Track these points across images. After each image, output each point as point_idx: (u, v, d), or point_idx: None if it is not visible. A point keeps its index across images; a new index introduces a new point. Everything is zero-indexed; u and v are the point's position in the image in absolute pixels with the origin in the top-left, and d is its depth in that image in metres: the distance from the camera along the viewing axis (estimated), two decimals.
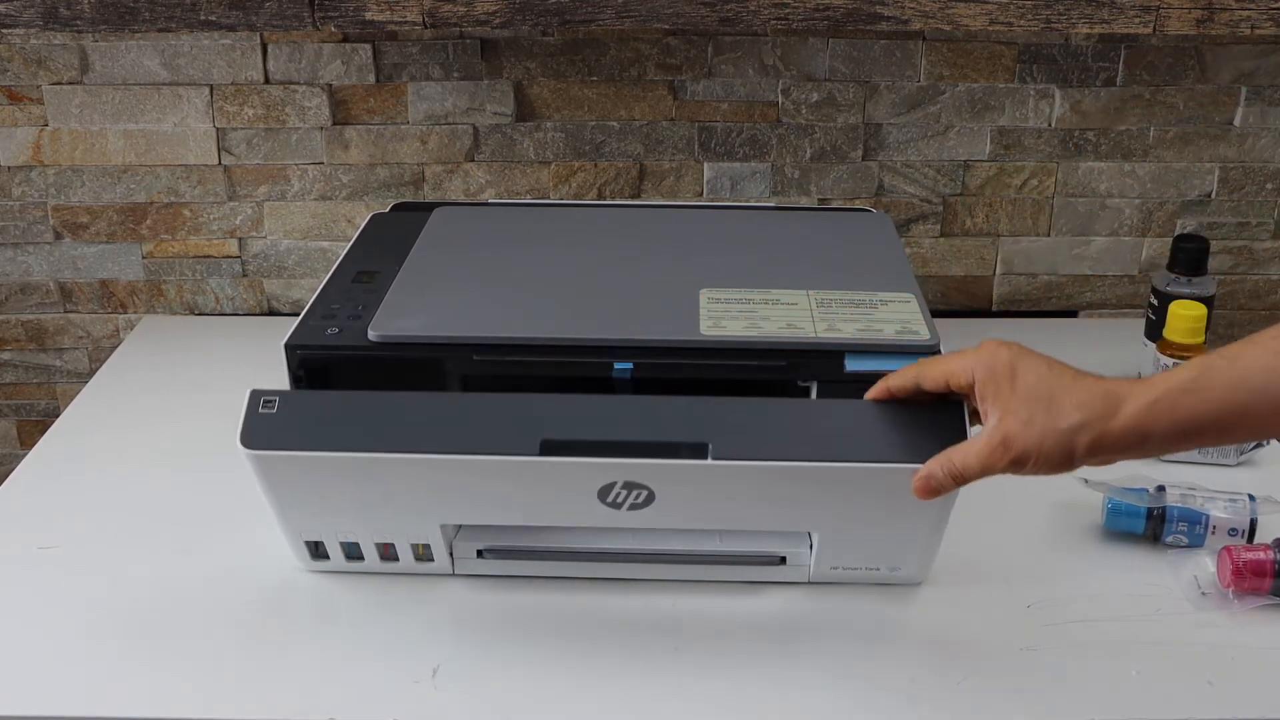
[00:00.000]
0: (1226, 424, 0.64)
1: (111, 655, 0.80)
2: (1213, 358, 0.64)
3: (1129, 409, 0.64)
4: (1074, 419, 0.65)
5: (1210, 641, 0.82)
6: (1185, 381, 0.64)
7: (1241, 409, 0.63)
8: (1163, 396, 0.64)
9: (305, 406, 0.78)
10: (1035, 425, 0.66)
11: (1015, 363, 0.68)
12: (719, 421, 0.76)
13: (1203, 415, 0.63)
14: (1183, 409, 0.64)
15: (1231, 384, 0.63)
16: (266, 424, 0.76)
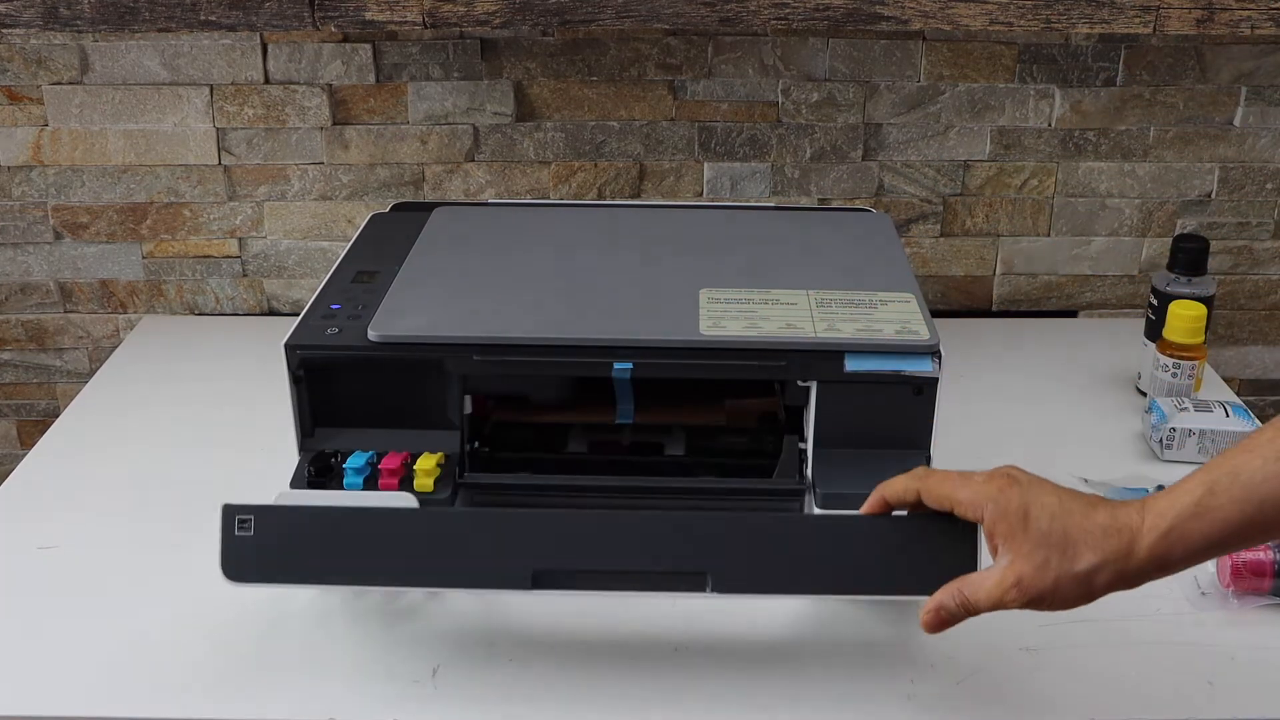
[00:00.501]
0: (1242, 536, 0.63)
1: (111, 655, 0.80)
2: (1216, 473, 0.63)
3: (1144, 544, 0.64)
4: (1090, 561, 0.64)
5: (1210, 641, 0.82)
6: (1192, 506, 0.63)
7: (1252, 522, 0.63)
8: (1174, 526, 0.63)
9: (283, 527, 0.74)
10: (1050, 569, 0.64)
11: (1027, 504, 0.66)
12: (717, 544, 0.73)
13: (1216, 535, 0.63)
14: (1195, 534, 0.63)
15: (1238, 500, 0.62)
16: (246, 551, 0.73)
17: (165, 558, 0.90)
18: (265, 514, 0.73)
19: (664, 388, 0.86)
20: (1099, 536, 0.64)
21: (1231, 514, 0.62)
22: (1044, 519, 0.65)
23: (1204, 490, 0.63)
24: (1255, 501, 0.62)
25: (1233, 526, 0.62)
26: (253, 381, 1.14)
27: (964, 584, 0.67)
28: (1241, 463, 0.62)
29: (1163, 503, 0.64)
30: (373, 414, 0.87)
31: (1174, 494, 0.64)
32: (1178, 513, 0.63)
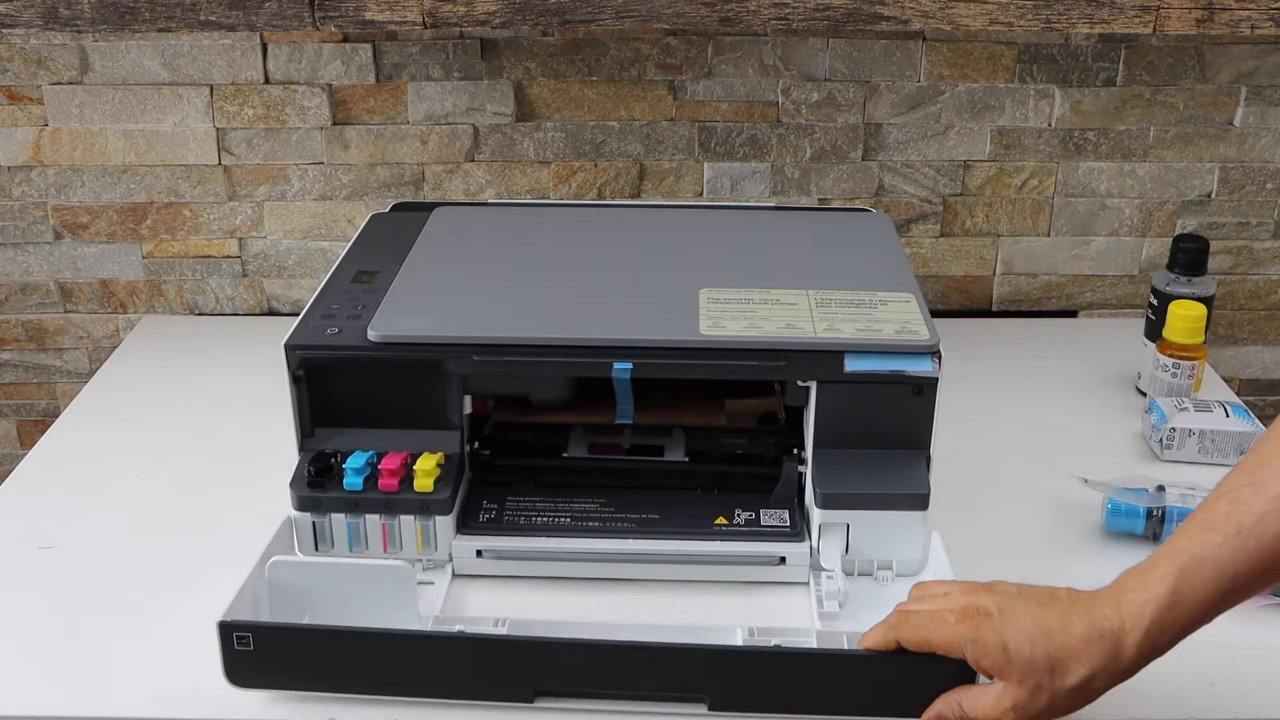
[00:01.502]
0: (1222, 609, 0.65)
1: (111, 655, 0.80)
2: (1182, 558, 0.64)
3: (1130, 644, 0.65)
4: (1081, 674, 0.65)
5: (1210, 641, 0.81)
6: (1167, 597, 0.64)
7: (1229, 595, 0.64)
8: (1155, 621, 0.64)
9: (283, 644, 0.74)
10: (1043, 691, 0.65)
11: (1004, 639, 0.66)
12: (716, 671, 0.73)
13: (1198, 617, 0.64)
14: (1177, 623, 0.65)
15: (1211, 580, 0.64)
16: (248, 664, 0.73)
17: (165, 557, 0.90)
18: (263, 632, 0.73)
19: (664, 388, 0.86)
20: (1083, 648, 0.65)
21: (1208, 595, 0.64)
22: (1025, 648, 0.65)
23: (1176, 578, 0.64)
24: (1228, 578, 0.63)
25: (1212, 606, 0.64)
26: (253, 381, 1.14)
27: (963, 696, 0.68)
28: (1206, 543, 0.64)
29: (1137, 597, 0.65)
30: (373, 414, 0.87)
31: (1146, 585, 0.65)
32: (1155, 607, 0.64)
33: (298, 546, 0.85)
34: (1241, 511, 0.63)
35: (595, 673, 0.74)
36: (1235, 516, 0.64)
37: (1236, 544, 0.63)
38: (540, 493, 0.90)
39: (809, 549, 0.85)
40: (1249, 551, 0.63)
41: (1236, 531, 0.63)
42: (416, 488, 0.84)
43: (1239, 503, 0.64)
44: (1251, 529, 0.63)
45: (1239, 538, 0.63)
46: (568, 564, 0.86)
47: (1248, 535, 0.63)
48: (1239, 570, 0.63)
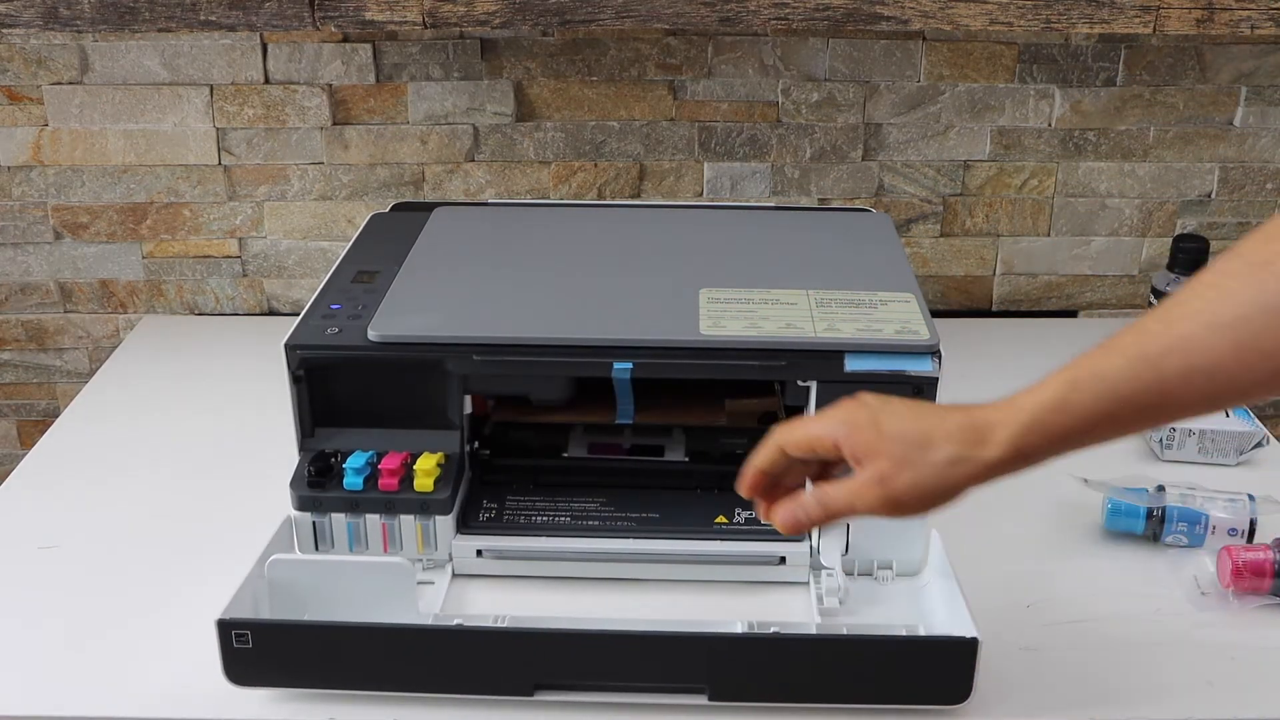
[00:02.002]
0: (1097, 433, 0.64)
1: (112, 655, 0.80)
2: (1079, 371, 0.64)
3: (1001, 436, 0.65)
4: (948, 452, 0.65)
5: (1210, 641, 0.82)
6: (1054, 400, 0.64)
7: (1110, 418, 0.64)
8: (1035, 419, 0.65)
9: (281, 641, 0.74)
10: (909, 463, 0.65)
11: (877, 414, 0.67)
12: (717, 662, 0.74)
13: (1074, 429, 0.64)
14: (1054, 427, 0.64)
15: (1100, 396, 0.63)
16: (247, 661, 0.74)
17: (165, 557, 0.90)
18: (262, 629, 0.73)
19: (664, 387, 0.86)
20: (955, 431, 0.65)
21: (1091, 410, 0.63)
22: (897, 422, 0.66)
23: (1067, 387, 0.64)
24: (1115, 399, 0.63)
25: (1090, 422, 0.63)
26: (253, 381, 1.14)
27: (819, 492, 0.69)
28: (1105, 363, 0.64)
29: (1023, 399, 0.65)
30: (373, 414, 0.87)
31: (1035, 390, 0.65)
32: (1038, 405, 0.64)
33: (298, 546, 0.85)
34: (1146, 341, 0.63)
35: (594, 665, 0.74)
36: (1139, 345, 0.63)
37: (1135, 370, 0.63)
38: (540, 492, 0.90)
39: (809, 548, 0.85)
40: (1144, 380, 0.62)
41: (1138, 357, 0.63)
42: (416, 487, 0.84)
43: (1145, 334, 0.63)
44: (1152, 359, 0.62)
45: (1139, 363, 0.63)
46: (568, 564, 0.86)
47: (1147, 364, 0.62)
48: (1129, 395, 0.63)
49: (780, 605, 0.84)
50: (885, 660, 0.73)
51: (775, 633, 0.75)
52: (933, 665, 0.73)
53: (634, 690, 0.75)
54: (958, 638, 0.72)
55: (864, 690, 0.74)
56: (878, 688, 0.73)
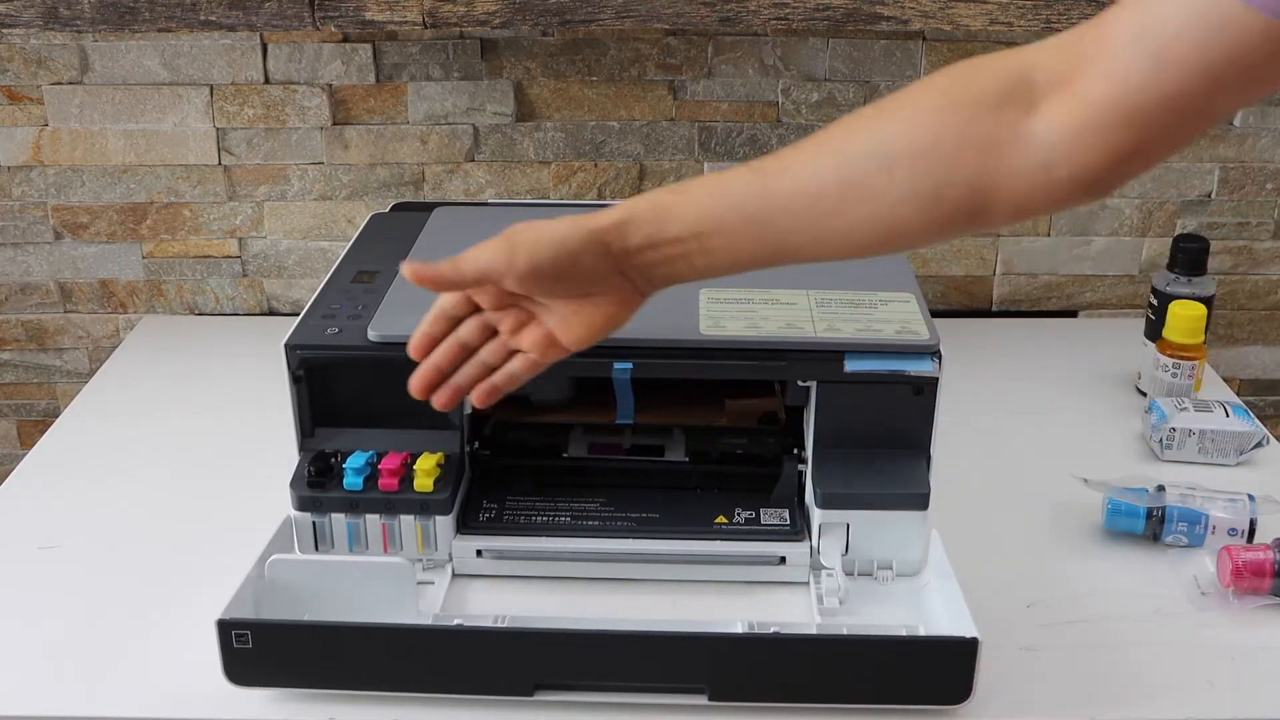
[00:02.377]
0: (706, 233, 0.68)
1: (112, 655, 0.80)
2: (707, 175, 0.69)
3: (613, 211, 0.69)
4: (567, 221, 0.70)
5: (1210, 641, 0.82)
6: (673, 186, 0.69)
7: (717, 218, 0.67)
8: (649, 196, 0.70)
9: (281, 641, 0.74)
10: (529, 227, 0.70)
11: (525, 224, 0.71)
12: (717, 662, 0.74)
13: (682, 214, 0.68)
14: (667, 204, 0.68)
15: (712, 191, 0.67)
16: (247, 661, 0.74)
17: (165, 557, 0.90)
18: (262, 629, 0.73)
19: (664, 387, 0.86)
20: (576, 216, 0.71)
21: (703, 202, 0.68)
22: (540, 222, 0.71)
23: (691, 181, 0.69)
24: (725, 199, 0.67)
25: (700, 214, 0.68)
26: (253, 381, 1.14)
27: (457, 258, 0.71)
28: (729, 171, 0.68)
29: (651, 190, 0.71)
30: (373, 414, 0.87)
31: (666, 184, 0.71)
32: (662, 189, 0.69)
33: (298, 546, 0.85)
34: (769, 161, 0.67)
35: (594, 665, 0.74)
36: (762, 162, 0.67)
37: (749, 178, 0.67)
38: (540, 493, 0.90)
39: (809, 548, 0.85)
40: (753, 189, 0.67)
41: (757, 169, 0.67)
42: (416, 488, 0.84)
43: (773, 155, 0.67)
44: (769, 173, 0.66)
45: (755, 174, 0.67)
46: (568, 564, 0.86)
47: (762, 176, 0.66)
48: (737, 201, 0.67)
49: (780, 605, 0.84)
50: (885, 660, 0.73)
51: (775, 633, 0.75)
52: (933, 665, 0.73)
53: (634, 690, 0.75)
54: (958, 638, 0.72)
55: (864, 690, 0.74)
56: (878, 688, 0.73)
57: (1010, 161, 0.61)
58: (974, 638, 0.72)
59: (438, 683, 0.75)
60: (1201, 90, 0.57)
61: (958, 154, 0.62)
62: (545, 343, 0.73)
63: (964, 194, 0.62)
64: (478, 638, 0.74)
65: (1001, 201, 0.62)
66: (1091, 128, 0.59)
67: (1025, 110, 0.61)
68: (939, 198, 0.63)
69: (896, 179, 0.63)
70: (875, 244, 0.66)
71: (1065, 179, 0.61)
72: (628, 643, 0.74)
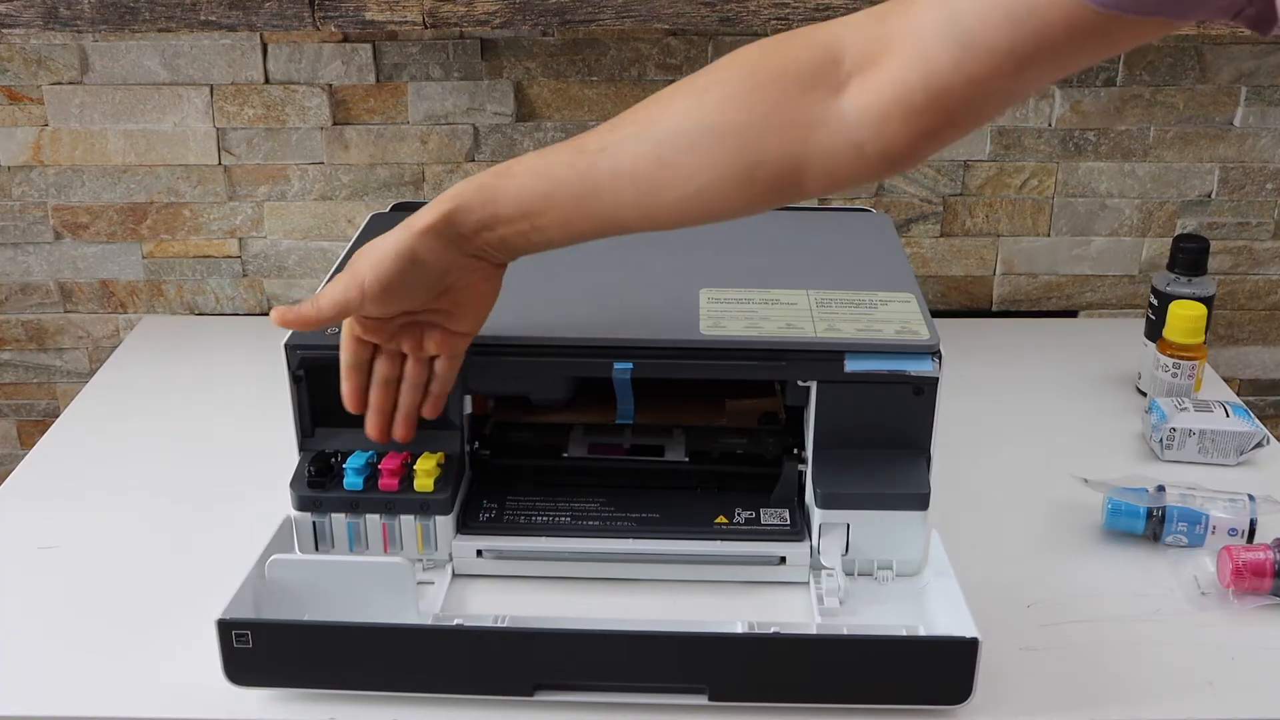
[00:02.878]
0: (534, 211, 0.70)
1: (112, 655, 0.80)
2: (531, 154, 0.71)
3: (440, 197, 0.71)
4: (398, 229, 0.72)
5: (1210, 641, 0.82)
6: (498, 168, 0.71)
7: (545, 196, 0.69)
8: (475, 180, 0.71)
9: (282, 640, 0.74)
10: (364, 253, 0.73)
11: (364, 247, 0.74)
12: (718, 661, 0.74)
13: (510, 196, 0.70)
14: (491, 189, 0.70)
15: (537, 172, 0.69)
16: (247, 661, 0.74)
17: (165, 557, 0.90)
18: (262, 629, 0.73)
19: (664, 387, 0.86)
20: (405, 220, 0.72)
21: (528, 182, 0.70)
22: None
23: (514, 161, 0.71)
24: (550, 179, 0.69)
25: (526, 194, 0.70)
26: (253, 381, 1.14)
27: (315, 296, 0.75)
28: (552, 150, 0.70)
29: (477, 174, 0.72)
30: None
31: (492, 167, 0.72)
32: (490, 172, 0.71)
33: (298, 546, 0.85)
34: (589, 139, 0.69)
35: (594, 665, 0.74)
36: (582, 141, 0.69)
37: (571, 158, 0.69)
38: (540, 493, 0.90)
39: (809, 548, 0.85)
40: (577, 169, 0.68)
41: (577, 149, 0.69)
42: (416, 488, 0.84)
43: (594, 133, 0.69)
44: (588, 152, 0.68)
45: (576, 154, 0.69)
46: (568, 564, 0.86)
47: (583, 155, 0.68)
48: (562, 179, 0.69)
49: (780, 605, 0.84)
50: (885, 660, 0.73)
51: (775, 633, 0.75)
52: (933, 665, 0.73)
53: (634, 690, 0.75)
54: (958, 638, 0.72)
55: (864, 690, 0.74)
56: (878, 688, 0.73)
57: (822, 140, 0.64)
58: (974, 638, 0.72)
59: (438, 683, 0.75)
60: (1009, 72, 0.59)
61: (769, 134, 0.64)
62: (448, 340, 0.78)
63: (776, 171, 0.65)
64: (478, 638, 0.74)
65: (813, 177, 0.65)
66: (900, 109, 0.61)
67: (834, 90, 0.63)
68: (752, 176, 0.65)
69: (712, 158, 0.65)
70: (698, 217, 0.68)
71: (874, 156, 0.63)
72: (628, 643, 0.74)
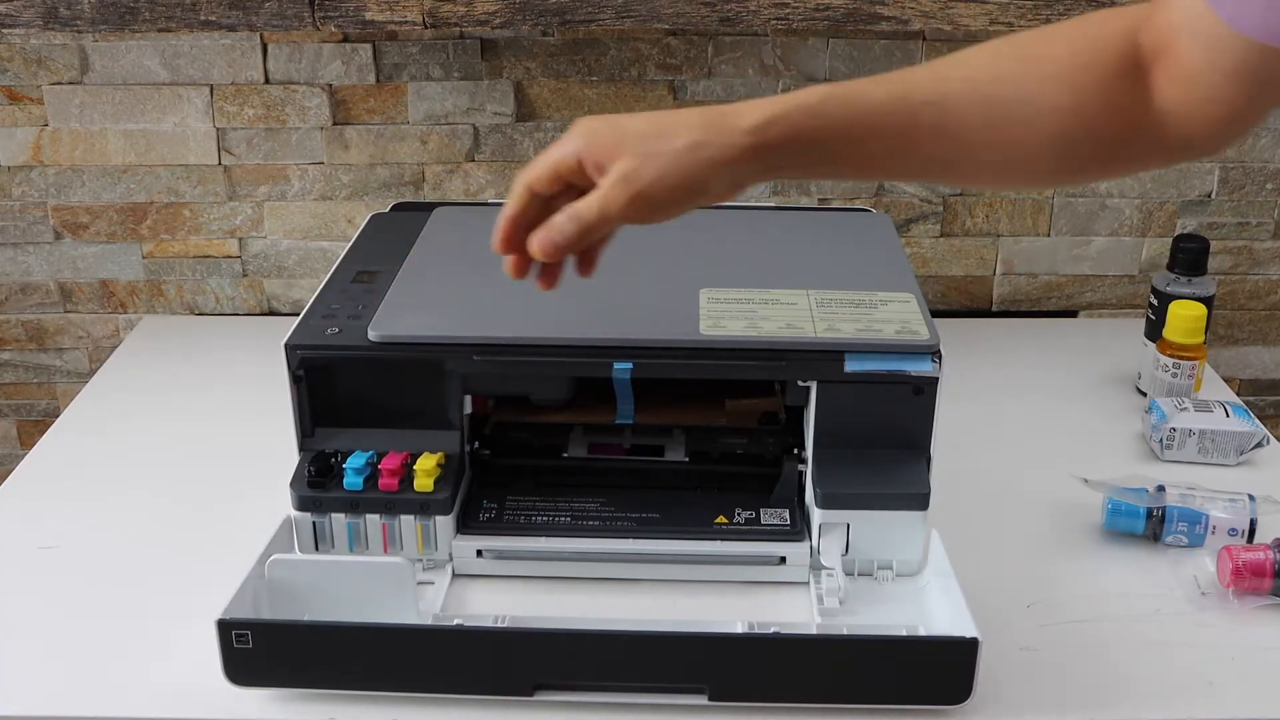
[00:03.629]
0: (839, 151, 0.67)
1: (112, 655, 0.80)
2: (838, 90, 0.67)
3: (744, 123, 0.65)
4: (688, 138, 0.65)
5: (1210, 641, 0.82)
6: (807, 104, 0.66)
7: (849, 140, 0.66)
8: (782, 112, 0.66)
9: (282, 641, 0.74)
10: (651, 155, 0.65)
11: (616, 119, 0.67)
12: (717, 661, 0.74)
13: (818, 136, 0.66)
14: (801, 126, 0.66)
15: (851, 115, 0.66)
16: (247, 662, 0.73)
17: (165, 557, 0.90)
18: (262, 629, 0.73)
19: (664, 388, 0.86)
20: (695, 119, 0.66)
21: (839, 123, 0.66)
22: (637, 121, 0.67)
23: (823, 96, 0.66)
24: (865, 125, 0.66)
25: (836, 134, 0.66)
26: (253, 381, 1.14)
27: (567, 207, 0.68)
28: (868, 90, 0.67)
29: (780, 98, 0.66)
30: (373, 414, 0.87)
31: (794, 94, 0.66)
32: (789, 102, 0.66)
33: (298, 546, 0.85)
34: (913, 88, 0.66)
35: (594, 665, 0.74)
36: (905, 87, 0.67)
37: (893, 106, 0.66)
38: (540, 492, 0.90)
39: (809, 548, 0.85)
40: (897, 118, 0.66)
41: (900, 97, 0.66)
42: (416, 488, 0.84)
43: (913, 80, 0.67)
44: (912, 105, 0.66)
45: (899, 102, 0.66)
46: (568, 564, 0.86)
47: (905, 106, 0.66)
48: (879, 126, 0.66)
49: (780, 605, 0.84)
50: (885, 660, 0.73)
51: (775, 633, 0.75)
52: (933, 665, 0.73)
53: (634, 690, 0.75)
54: (958, 638, 0.72)
55: (864, 690, 0.74)
56: (878, 688, 0.73)
57: (1136, 125, 0.65)
58: (974, 638, 0.72)
59: (438, 683, 0.75)
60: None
61: (1095, 115, 0.65)
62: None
63: (1094, 152, 0.66)
64: (478, 638, 0.74)
65: (1122, 161, 0.68)
66: (1201, 95, 0.63)
67: (1141, 77, 0.65)
68: (1074, 153, 0.66)
69: (1037, 130, 0.65)
70: (1006, 183, 0.71)
71: (1176, 142, 0.66)
72: (628, 643, 0.74)
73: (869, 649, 0.74)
